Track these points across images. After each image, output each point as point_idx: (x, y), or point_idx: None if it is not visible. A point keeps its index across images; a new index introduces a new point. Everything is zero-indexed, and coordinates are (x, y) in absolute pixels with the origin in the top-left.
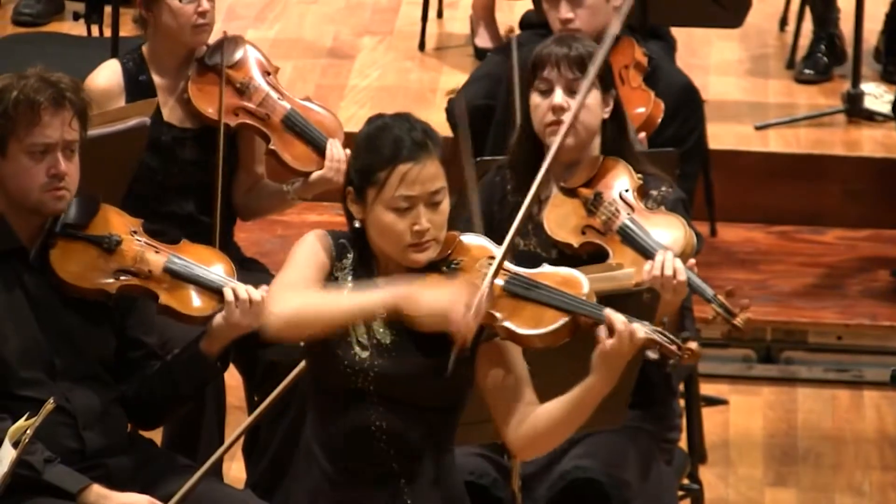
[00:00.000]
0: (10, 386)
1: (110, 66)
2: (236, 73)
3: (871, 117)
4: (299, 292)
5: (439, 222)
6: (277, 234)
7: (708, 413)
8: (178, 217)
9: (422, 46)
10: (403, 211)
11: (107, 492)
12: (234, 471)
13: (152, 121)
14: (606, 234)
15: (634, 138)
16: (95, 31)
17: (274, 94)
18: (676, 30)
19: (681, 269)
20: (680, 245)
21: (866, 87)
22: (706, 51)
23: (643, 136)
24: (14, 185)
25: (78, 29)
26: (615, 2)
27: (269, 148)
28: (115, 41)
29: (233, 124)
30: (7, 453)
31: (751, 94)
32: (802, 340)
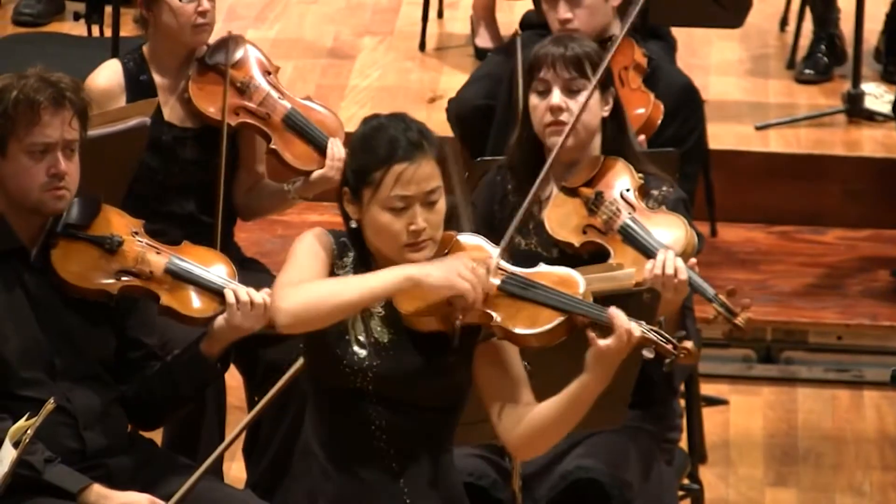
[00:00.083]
0: (11, 386)
1: (111, 65)
2: (237, 73)
3: (871, 117)
4: (305, 284)
5: (435, 221)
6: (278, 234)
7: (708, 413)
8: (179, 217)
9: (422, 46)
10: (399, 211)
11: (107, 491)
12: (234, 471)
13: (153, 120)
14: (607, 234)
15: (634, 140)
16: (96, 31)
17: (274, 94)
18: (676, 30)
19: (682, 269)
20: (681, 244)
21: (866, 87)
22: (706, 51)
23: (642, 138)
24: (14, 184)
25: (78, 29)
26: (614, 2)
27: (270, 147)
28: (115, 41)
29: (233, 124)
30: (7, 453)
31: (751, 94)
32: (803, 340)
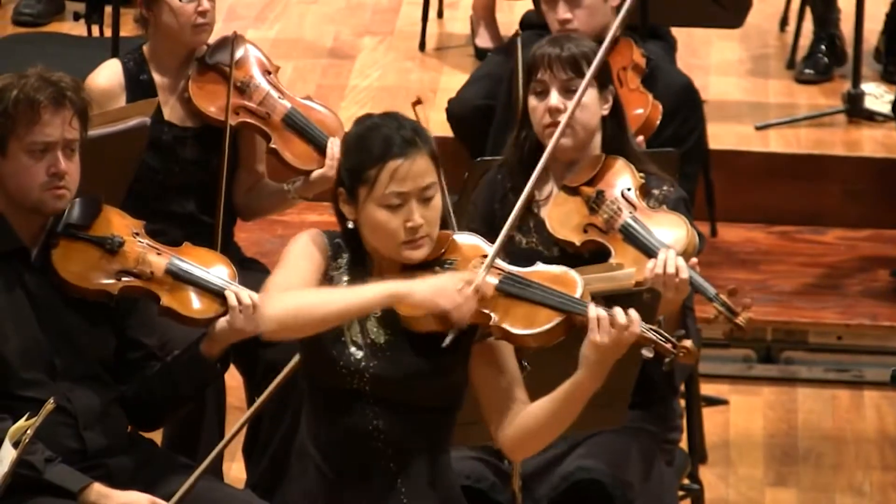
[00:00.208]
0: (11, 386)
1: (111, 65)
2: (237, 72)
3: (871, 117)
4: (292, 292)
5: (432, 218)
6: (277, 234)
7: (708, 413)
8: (179, 216)
9: (422, 46)
10: (396, 208)
11: (108, 491)
12: (234, 471)
13: (153, 120)
14: (608, 233)
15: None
16: (96, 31)
17: (274, 93)
18: (676, 30)
19: (683, 268)
20: (682, 244)
21: (866, 87)
22: (706, 51)
23: (641, 139)
24: (14, 184)
25: (78, 29)
26: (613, 2)
27: (270, 147)
28: (115, 41)
29: (234, 123)
30: (7, 453)
31: (751, 95)
32: (803, 340)
